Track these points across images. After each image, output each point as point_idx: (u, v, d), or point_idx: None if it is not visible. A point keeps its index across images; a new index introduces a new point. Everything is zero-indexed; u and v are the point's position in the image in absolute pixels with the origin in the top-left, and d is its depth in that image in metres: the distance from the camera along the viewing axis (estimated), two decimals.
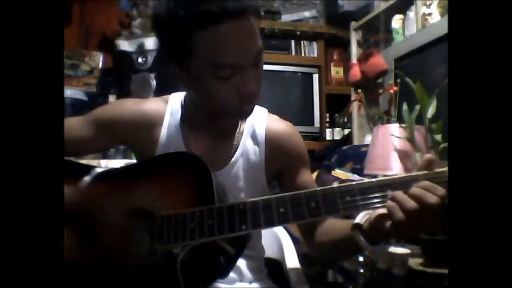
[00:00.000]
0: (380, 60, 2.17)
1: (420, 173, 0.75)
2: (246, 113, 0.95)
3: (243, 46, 0.85)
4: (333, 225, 0.97)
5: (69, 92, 2.79)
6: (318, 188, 0.79)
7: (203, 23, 0.82)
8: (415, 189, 0.72)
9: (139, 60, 2.91)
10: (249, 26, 0.85)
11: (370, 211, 0.82)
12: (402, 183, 0.75)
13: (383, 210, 0.77)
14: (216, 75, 0.85)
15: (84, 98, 2.89)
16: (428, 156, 0.76)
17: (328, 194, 0.77)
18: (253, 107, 0.94)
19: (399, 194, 0.73)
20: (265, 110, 1.07)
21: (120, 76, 3.01)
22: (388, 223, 0.76)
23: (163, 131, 1.01)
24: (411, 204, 0.71)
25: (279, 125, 1.06)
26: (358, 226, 0.83)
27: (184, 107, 1.03)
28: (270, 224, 0.80)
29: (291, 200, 0.79)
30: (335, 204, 0.76)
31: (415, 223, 0.72)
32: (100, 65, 3.05)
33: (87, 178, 0.94)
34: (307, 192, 0.79)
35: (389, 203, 0.74)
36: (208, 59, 0.84)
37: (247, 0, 0.84)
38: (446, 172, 0.73)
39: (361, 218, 0.84)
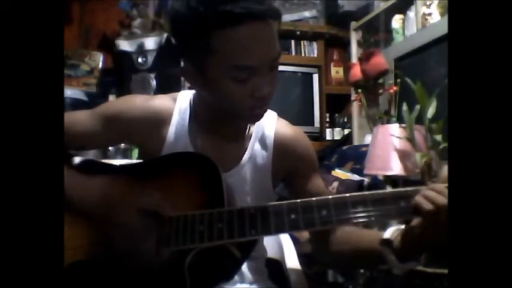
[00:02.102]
0: (381, 60, 2.17)
1: (443, 185, 0.75)
2: (257, 117, 0.93)
3: (262, 49, 0.84)
4: (355, 235, 0.95)
5: (69, 92, 2.79)
6: (330, 197, 0.78)
7: (224, 24, 0.81)
8: (441, 187, 0.74)
9: (139, 60, 2.90)
10: (269, 30, 0.84)
11: (400, 225, 0.81)
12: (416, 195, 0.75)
13: (416, 224, 0.77)
14: (231, 76, 0.84)
15: (84, 98, 2.89)
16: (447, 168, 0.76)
17: (340, 203, 0.77)
18: (265, 111, 0.93)
19: (428, 191, 0.74)
20: (275, 114, 1.06)
21: (120, 76, 3.01)
22: (419, 232, 0.76)
23: (171, 130, 0.99)
24: (440, 198, 0.72)
25: (288, 130, 1.04)
26: (387, 242, 0.81)
27: (193, 106, 1.01)
28: (280, 230, 0.79)
29: (302, 207, 0.78)
30: (347, 214, 0.76)
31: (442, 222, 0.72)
32: (100, 65, 3.04)
33: (94, 174, 0.93)
34: (319, 200, 0.78)
35: (418, 198, 0.74)
36: (226, 60, 0.83)
37: (269, 4, 0.84)
38: None
39: (391, 233, 0.82)
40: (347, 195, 0.78)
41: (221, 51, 0.83)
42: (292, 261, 1.24)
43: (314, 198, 0.78)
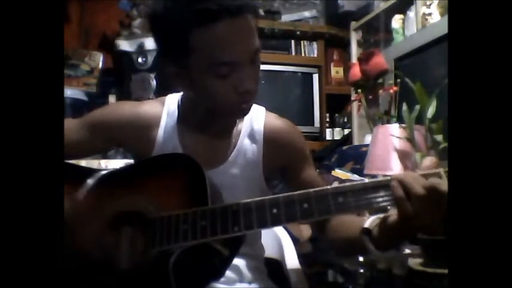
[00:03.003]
0: (381, 60, 2.17)
1: (417, 173, 0.75)
2: (243, 111, 0.95)
3: (240, 44, 0.85)
4: (343, 223, 0.96)
5: (69, 92, 2.78)
6: (311, 190, 0.79)
7: (201, 21, 0.82)
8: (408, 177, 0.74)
9: (139, 60, 2.90)
10: (247, 25, 0.85)
11: (380, 215, 0.82)
12: None
13: (393, 213, 0.77)
14: (213, 73, 0.86)
15: (84, 98, 2.89)
16: (427, 161, 0.77)
17: (321, 195, 0.77)
18: (251, 105, 0.95)
19: (404, 176, 0.74)
20: (263, 108, 1.07)
21: (120, 76, 3.01)
22: (394, 222, 0.76)
23: (160, 133, 1.01)
24: (414, 186, 0.72)
25: (277, 122, 1.05)
26: (366, 231, 0.82)
27: (181, 107, 1.03)
28: (263, 225, 0.80)
29: (284, 201, 0.79)
30: (327, 205, 0.77)
31: (419, 212, 0.72)
32: (100, 65, 3.04)
33: (80, 180, 0.94)
34: (301, 193, 0.79)
35: (394, 183, 0.74)
36: (205, 57, 0.85)
37: None
38: (441, 172, 0.74)
39: (370, 222, 0.83)
40: (328, 187, 0.79)
41: (201, 49, 0.84)
42: (292, 261, 1.25)
43: (296, 192, 0.79)
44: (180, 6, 0.83)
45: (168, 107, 1.03)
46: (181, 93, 1.05)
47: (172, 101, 1.05)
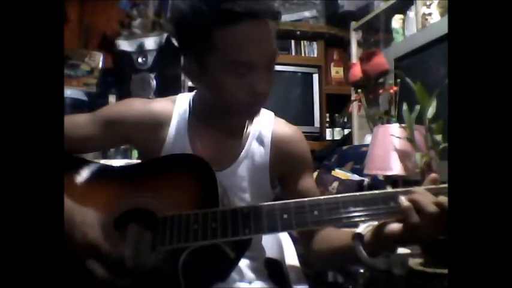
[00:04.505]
0: (382, 60, 2.17)
1: (424, 187, 0.76)
2: (254, 112, 0.97)
3: (260, 46, 0.87)
4: (333, 233, 0.97)
5: (69, 92, 2.78)
6: (322, 197, 0.80)
7: (225, 21, 0.84)
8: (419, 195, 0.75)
9: (139, 60, 2.91)
10: (267, 29, 0.88)
11: (372, 222, 0.82)
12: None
13: (390, 221, 0.77)
14: (230, 72, 0.87)
15: (84, 98, 2.89)
16: (433, 176, 0.77)
17: (331, 204, 0.78)
18: (262, 107, 0.96)
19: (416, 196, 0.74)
20: (272, 114, 1.08)
21: (120, 76, 3.01)
22: (392, 230, 0.77)
23: (170, 132, 1.02)
24: (427, 207, 0.73)
25: (285, 129, 1.07)
26: (359, 236, 0.83)
27: (192, 107, 1.04)
28: (273, 229, 0.80)
29: (294, 207, 0.80)
30: (338, 214, 0.77)
31: (427, 227, 0.73)
32: (100, 65, 3.05)
33: (91, 176, 0.94)
34: (311, 200, 0.79)
35: (406, 203, 0.74)
36: (226, 56, 0.86)
37: (268, 4, 0.88)
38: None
39: (363, 228, 0.83)
40: (338, 195, 0.80)
41: (221, 47, 0.86)
42: (292, 261, 1.25)
43: (307, 199, 0.80)
44: (205, 5, 0.85)
45: (179, 107, 1.04)
46: (192, 93, 1.06)
47: (183, 100, 1.06)
